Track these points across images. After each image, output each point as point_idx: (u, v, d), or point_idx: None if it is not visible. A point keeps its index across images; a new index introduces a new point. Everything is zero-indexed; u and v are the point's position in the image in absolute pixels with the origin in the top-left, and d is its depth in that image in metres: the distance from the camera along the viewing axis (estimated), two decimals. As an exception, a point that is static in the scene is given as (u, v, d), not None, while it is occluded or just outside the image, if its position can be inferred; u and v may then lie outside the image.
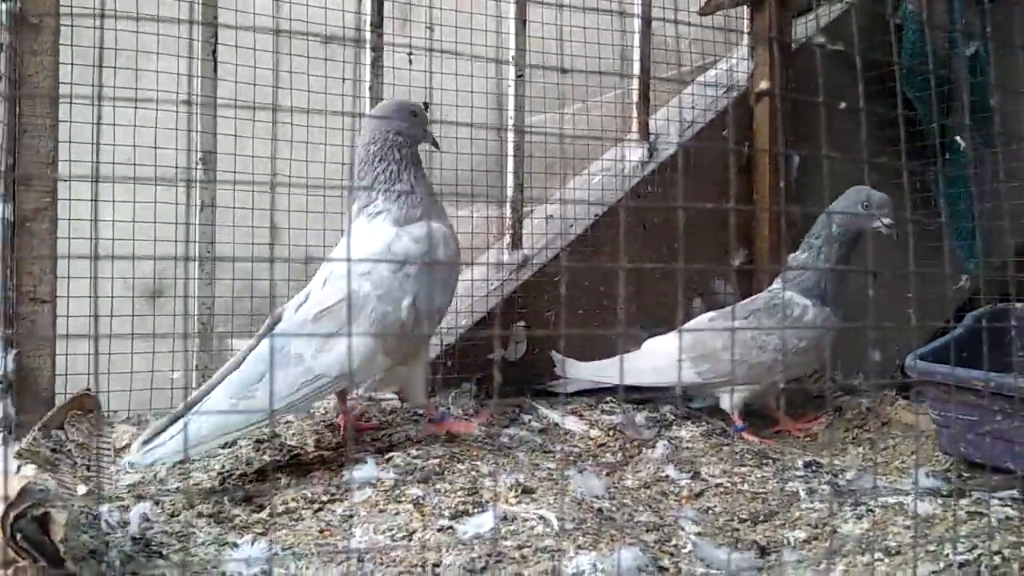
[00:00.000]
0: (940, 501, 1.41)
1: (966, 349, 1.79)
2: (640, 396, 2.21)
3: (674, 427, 2.08)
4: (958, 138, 2.37)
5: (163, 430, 1.52)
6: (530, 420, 2.10)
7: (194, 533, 1.27)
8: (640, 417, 2.12)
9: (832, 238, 2.04)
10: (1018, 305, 1.92)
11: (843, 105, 1.12)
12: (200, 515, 1.35)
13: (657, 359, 2.16)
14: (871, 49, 2.34)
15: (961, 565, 1.11)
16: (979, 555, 1.13)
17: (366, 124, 1.87)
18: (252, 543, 1.20)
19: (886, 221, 1.98)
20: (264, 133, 2.05)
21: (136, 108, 1.86)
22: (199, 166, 2.07)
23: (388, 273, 1.73)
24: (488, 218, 2.42)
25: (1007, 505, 1.39)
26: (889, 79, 2.45)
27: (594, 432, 2.00)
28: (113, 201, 1.87)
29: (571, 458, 1.86)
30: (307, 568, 1.13)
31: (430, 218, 1.81)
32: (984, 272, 2.39)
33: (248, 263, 2.13)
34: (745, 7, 2.70)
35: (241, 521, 1.34)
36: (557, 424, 2.09)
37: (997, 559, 1.11)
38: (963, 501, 1.40)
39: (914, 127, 2.57)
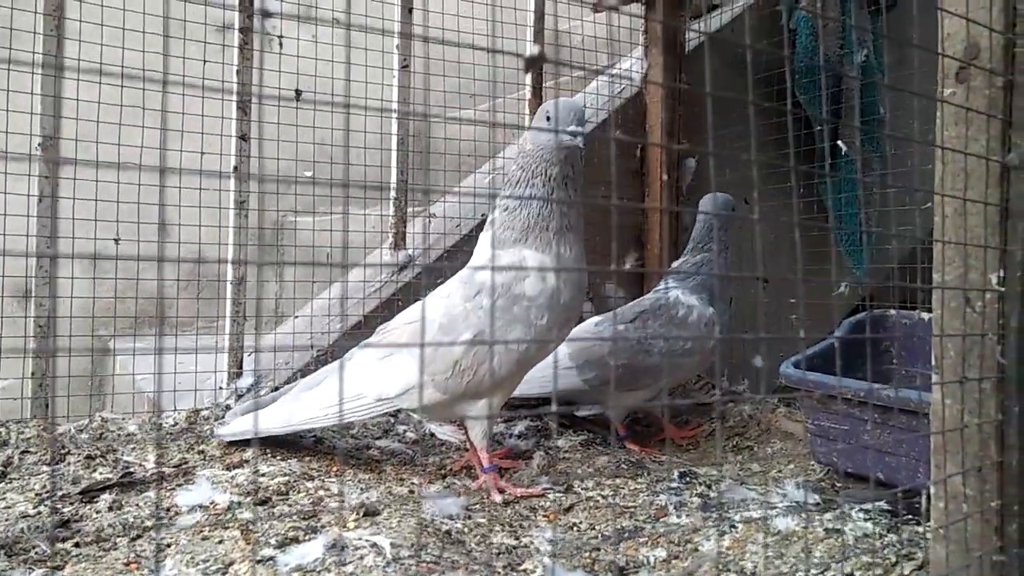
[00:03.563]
0: (804, 516, 1.36)
1: (844, 356, 1.77)
2: (525, 406, 2.12)
3: (554, 437, 2.00)
4: (840, 143, 2.37)
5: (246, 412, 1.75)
6: (405, 431, 1.99)
7: (-29, 570, 1.11)
8: (520, 427, 2.04)
9: (709, 236, 2.01)
10: (892, 312, 1.91)
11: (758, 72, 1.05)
12: (-10, 547, 1.19)
13: (543, 367, 2.07)
14: (764, 52, 2.32)
15: (812, 589, 1.05)
16: (831, 577, 1.07)
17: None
18: (34, 582, 1.05)
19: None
20: (112, 117, 1.88)
21: None
22: (38, 151, 1.87)
23: (460, 300, 1.60)
24: (366, 215, 2.29)
25: (870, 519, 1.35)
26: (780, 82, 2.45)
27: (470, 444, 1.90)
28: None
29: (441, 472, 1.76)
30: (92, 611, 0.98)
31: (530, 245, 1.57)
32: (865, 278, 2.39)
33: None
34: (640, 7, 2.65)
35: (37, 553, 1.18)
36: (432, 435, 1.98)
37: (848, 582, 1.05)
38: (827, 515, 1.35)
39: (804, 130, 2.57)
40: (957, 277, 0.89)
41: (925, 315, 1.87)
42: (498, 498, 1.58)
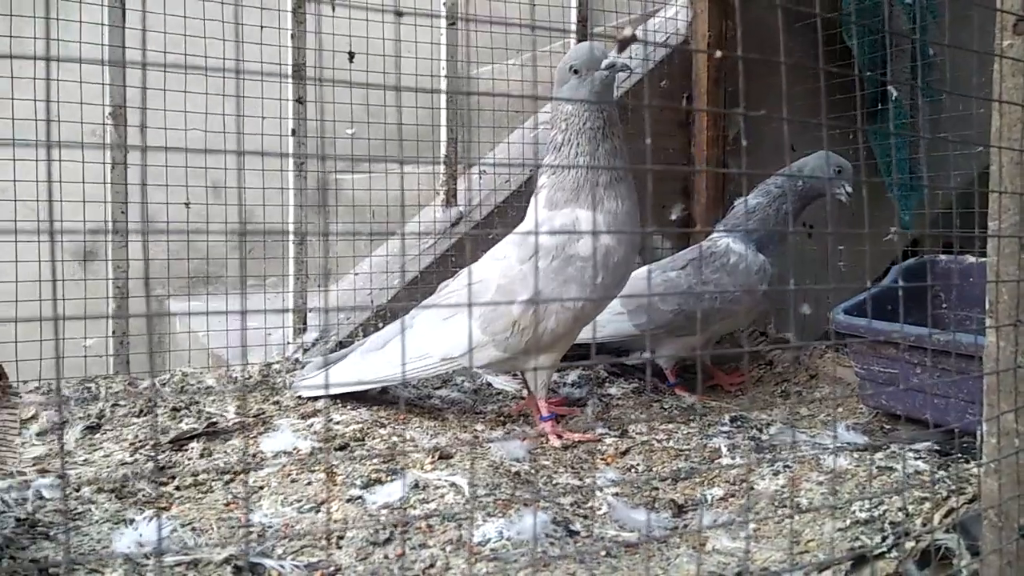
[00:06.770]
0: (856, 456, 1.42)
1: (892, 302, 1.80)
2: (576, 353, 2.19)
3: (606, 384, 2.07)
4: (890, 88, 2.35)
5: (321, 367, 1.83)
6: (463, 381, 2.08)
7: (90, 510, 1.22)
8: (573, 376, 2.11)
9: (794, 192, 2.02)
10: (943, 257, 1.93)
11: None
12: (101, 490, 1.30)
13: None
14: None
15: (866, 522, 1.11)
16: (884, 511, 1.13)
17: None
18: (150, 520, 1.15)
19: (848, 189, 2.00)
20: (178, 86, 1.95)
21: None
22: (109, 121, 1.96)
23: (516, 263, 1.66)
24: (420, 174, 2.35)
25: (920, 458, 1.40)
26: (828, 28, 2.42)
27: (526, 392, 1.98)
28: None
29: (501, 419, 1.85)
30: (205, 545, 1.09)
31: (583, 204, 1.62)
32: (913, 225, 2.39)
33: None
34: (685, -46, 2.63)
35: (145, 495, 1.30)
36: (490, 384, 2.07)
37: (901, 515, 1.11)
38: (879, 455, 1.41)
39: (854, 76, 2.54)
40: (1012, 224, 0.92)
41: (973, 260, 1.88)
42: (557, 443, 1.66)
